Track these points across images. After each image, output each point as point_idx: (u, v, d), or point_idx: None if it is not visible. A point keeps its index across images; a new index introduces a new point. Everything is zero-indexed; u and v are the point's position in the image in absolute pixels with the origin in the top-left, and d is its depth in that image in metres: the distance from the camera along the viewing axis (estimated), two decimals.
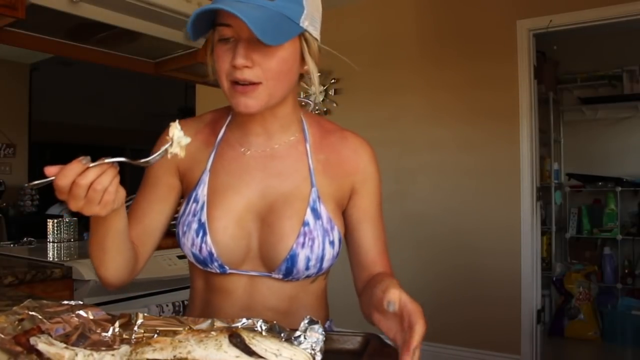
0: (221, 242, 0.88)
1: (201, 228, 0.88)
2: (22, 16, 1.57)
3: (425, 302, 3.12)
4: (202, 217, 0.89)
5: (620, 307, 3.75)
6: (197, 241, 0.88)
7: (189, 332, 0.70)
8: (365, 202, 0.95)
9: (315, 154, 0.92)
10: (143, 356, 0.65)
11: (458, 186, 3.42)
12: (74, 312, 0.75)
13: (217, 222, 0.88)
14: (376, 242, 0.95)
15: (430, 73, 3.53)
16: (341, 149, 0.94)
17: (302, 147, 0.92)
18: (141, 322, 0.74)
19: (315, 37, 0.86)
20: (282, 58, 0.81)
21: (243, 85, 0.81)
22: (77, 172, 0.69)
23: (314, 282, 0.94)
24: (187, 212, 0.91)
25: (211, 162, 0.92)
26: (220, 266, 0.89)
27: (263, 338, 0.66)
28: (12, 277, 1.52)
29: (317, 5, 0.86)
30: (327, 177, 0.92)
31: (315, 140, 0.94)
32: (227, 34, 0.81)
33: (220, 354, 0.64)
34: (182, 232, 0.90)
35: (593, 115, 4.38)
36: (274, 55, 0.80)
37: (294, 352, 0.65)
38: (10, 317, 0.70)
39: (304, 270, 0.88)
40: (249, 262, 0.90)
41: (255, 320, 0.72)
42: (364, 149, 0.96)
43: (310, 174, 0.90)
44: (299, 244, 0.86)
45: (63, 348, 0.65)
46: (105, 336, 0.73)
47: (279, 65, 0.81)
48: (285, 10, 0.79)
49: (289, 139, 0.92)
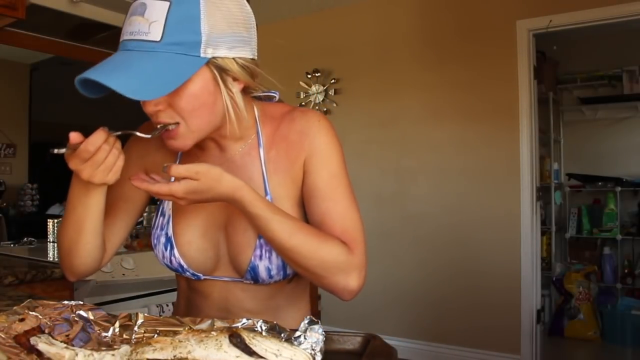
0: (188, 254, 0.90)
1: (168, 242, 0.90)
2: (22, 16, 1.57)
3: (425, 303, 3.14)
4: (169, 232, 0.91)
5: (620, 307, 3.75)
6: (167, 254, 0.90)
7: (189, 332, 0.70)
8: (311, 178, 0.87)
9: (267, 153, 0.89)
10: (143, 356, 0.65)
11: (458, 186, 3.42)
12: (74, 312, 0.75)
13: (182, 238, 0.90)
14: (324, 219, 0.85)
15: (431, 73, 3.53)
16: (288, 133, 0.88)
17: (255, 152, 0.89)
18: (141, 322, 0.74)
19: (235, 57, 0.78)
20: (191, 95, 0.76)
21: (166, 130, 0.79)
22: (103, 138, 0.73)
23: (290, 282, 0.93)
24: (156, 226, 0.93)
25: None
26: (193, 274, 0.91)
27: (263, 338, 0.67)
28: (12, 277, 1.53)
29: (228, 15, 0.76)
30: (279, 174, 0.88)
31: (267, 140, 0.89)
32: None
33: (220, 354, 0.65)
34: (154, 244, 0.93)
35: (593, 115, 4.38)
36: (182, 95, 0.76)
37: (294, 352, 0.65)
38: (10, 317, 0.70)
39: (268, 279, 0.88)
40: (221, 269, 0.91)
41: (255, 320, 0.72)
42: (309, 126, 0.88)
43: (263, 181, 0.87)
44: (256, 256, 0.86)
45: (63, 348, 0.65)
46: (106, 336, 0.73)
47: (189, 102, 0.77)
48: (175, 49, 0.73)
49: (242, 147, 0.89)
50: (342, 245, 0.83)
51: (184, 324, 0.73)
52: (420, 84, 3.56)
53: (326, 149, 0.87)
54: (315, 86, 3.89)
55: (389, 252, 3.59)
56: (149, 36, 0.72)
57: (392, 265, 3.58)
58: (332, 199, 0.86)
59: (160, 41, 0.72)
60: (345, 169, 0.89)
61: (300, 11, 3.87)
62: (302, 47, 3.93)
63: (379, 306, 3.55)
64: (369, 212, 3.50)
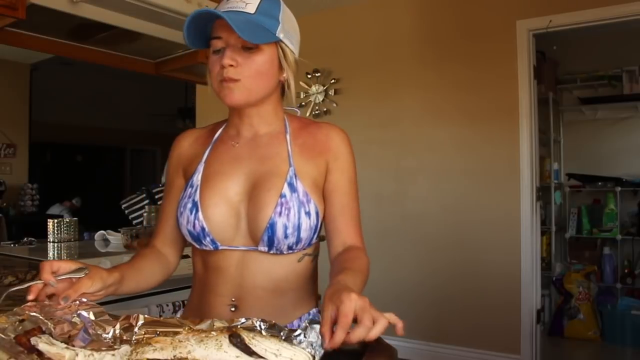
0: (211, 217, 1.00)
1: (194, 206, 1.01)
2: (22, 16, 1.57)
3: (425, 303, 3.14)
4: (196, 197, 1.02)
5: (620, 307, 3.75)
6: (191, 218, 1.00)
7: (189, 332, 0.70)
8: (335, 176, 1.05)
9: (294, 139, 1.06)
10: (143, 356, 0.65)
11: (458, 186, 3.42)
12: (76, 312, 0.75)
13: (209, 200, 1.01)
14: (343, 210, 1.04)
15: (431, 73, 3.53)
16: (316, 134, 1.08)
17: (282, 136, 1.07)
18: (142, 323, 0.74)
19: (292, 50, 1.03)
20: (261, 62, 0.98)
21: (228, 80, 0.97)
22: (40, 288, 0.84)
23: (301, 260, 1.03)
24: (184, 196, 1.05)
25: (206, 155, 1.08)
26: (212, 241, 1.00)
27: (263, 338, 0.67)
28: (12, 277, 1.53)
29: (293, 26, 1.03)
30: (304, 157, 1.04)
31: (294, 130, 1.08)
32: (218, 45, 0.98)
33: (220, 354, 0.65)
34: (179, 213, 1.03)
35: (593, 115, 4.38)
36: (254, 60, 0.98)
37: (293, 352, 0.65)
38: (10, 317, 0.70)
39: (283, 239, 0.97)
40: (238, 238, 1.01)
41: (254, 319, 0.72)
42: (335, 133, 1.08)
43: (288, 156, 1.03)
44: (276, 212, 0.97)
45: (64, 348, 0.65)
46: (106, 337, 0.73)
47: (257, 67, 0.98)
48: (263, 22, 0.96)
49: (271, 131, 1.07)
50: (365, 254, 1.01)
51: (184, 325, 0.73)
52: (421, 84, 3.56)
53: (348, 158, 1.07)
54: (315, 86, 3.88)
55: (389, 252, 3.59)
56: (246, 9, 0.96)
57: (391, 265, 3.58)
58: (350, 199, 1.05)
59: (254, 14, 0.96)
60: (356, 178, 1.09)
61: (300, 11, 3.84)
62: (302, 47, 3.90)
63: (379, 306, 3.53)
64: (369, 212, 3.50)
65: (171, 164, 1.14)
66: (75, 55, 2.04)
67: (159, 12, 1.82)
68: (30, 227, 3.14)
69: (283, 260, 1.01)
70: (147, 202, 2.54)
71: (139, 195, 2.60)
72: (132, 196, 2.62)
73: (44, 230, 2.29)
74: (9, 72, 5.48)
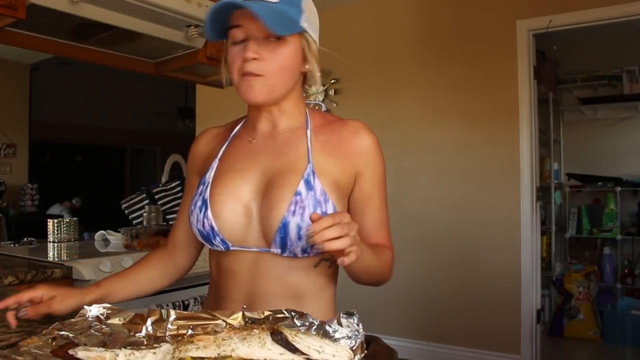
0: (221, 216, 0.94)
1: (204, 204, 0.96)
2: (22, 16, 1.57)
3: (425, 303, 3.13)
4: (206, 195, 0.97)
5: (620, 307, 3.75)
6: (200, 216, 0.96)
7: (230, 330, 0.70)
8: (368, 186, 0.99)
9: (315, 135, 0.99)
10: (187, 354, 0.66)
11: (458, 186, 3.42)
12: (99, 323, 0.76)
13: (217, 197, 0.96)
14: (380, 225, 1.00)
15: (430, 73, 3.53)
16: (342, 131, 1.00)
17: (302, 132, 1.00)
18: (174, 318, 0.74)
19: (315, 40, 0.97)
20: (286, 54, 0.92)
21: (250, 75, 0.91)
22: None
23: (317, 265, 0.96)
24: (195, 194, 1.00)
25: (221, 152, 1.03)
26: (222, 241, 0.95)
27: (305, 335, 0.67)
28: (12, 277, 1.53)
29: (314, 13, 0.99)
30: (326, 155, 0.97)
31: (316, 126, 1.01)
32: (238, 35, 0.92)
33: (264, 352, 0.65)
34: (190, 212, 0.99)
35: (593, 115, 4.38)
36: (279, 51, 0.91)
37: (335, 349, 0.65)
38: (42, 337, 0.72)
39: (296, 240, 0.90)
40: (250, 239, 0.95)
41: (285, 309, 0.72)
42: (364, 131, 1.01)
43: (307, 152, 0.96)
44: (290, 211, 0.90)
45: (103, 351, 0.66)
46: (140, 336, 0.73)
47: (283, 59, 0.92)
48: (287, 11, 0.90)
49: (291, 126, 1.00)
50: (389, 250, 0.99)
51: (216, 317, 0.73)
52: (420, 84, 3.56)
53: (381, 164, 1.02)
54: (315, 86, 3.88)
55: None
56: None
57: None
58: (382, 209, 1.01)
59: (277, 2, 0.89)
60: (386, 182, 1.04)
61: None
62: None
63: (379, 306, 3.55)
64: None
65: (189, 163, 1.12)
66: (75, 55, 2.03)
67: (159, 12, 1.81)
68: (30, 227, 3.14)
69: (297, 265, 0.95)
70: (147, 202, 2.53)
71: (139, 195, 2.59)
72: (132, 196, 2.62)
73: (44, 230, 2.29)
74: (9, 72, 5.48)
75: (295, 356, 0.64)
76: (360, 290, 1.08)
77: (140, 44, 2.03)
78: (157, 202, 2.53)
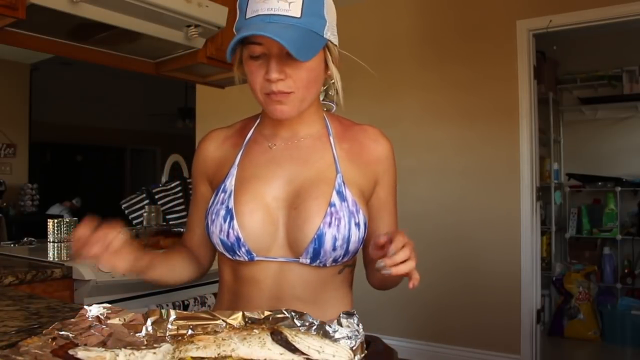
0: (248, 226, 0.91)
1: (228, 214, 0.91)
2: (22, 16, 1.57)
3: (425, 303, 3.12)
4: (230, 204, 0.92)
5: (620, 307, 3.75)
6: (225, 227, 0.91)
7: (230, 330, 0.71)
8: (385, 192, 1.00)
9: (339, 143, 0.98)
10: (187, 354, 0.66)
11: (458, 186, 3.42)
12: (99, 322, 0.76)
13: (244, 207, 0.92)
14: (393, 229, 1.00)
15: (431, 73, 3.53)
16: (363, 139, 1.00)
17: (325, 139, 0.99)
18: (174, 318, 0.74)
19: (335, 44, 0.94)
20: (311, 68, 0.89)
21: (277, 94, 0.88)
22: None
23: (341, 272, 0.96)
24: (215, 202, 0.95)
25: (239, 158, 0.98)
26: (247, 252, 0.91)
27: (305, 335, 0.67)
28: (12, 277, 1.52)
29: (334, 13, 0.94)
30: (351, 164, 0.96)
31: (337, 133, 1.00)
32: (257, 51, 0.87)
33: (264, 352, 0.66)
34: (210, 221, 0.94)
35: (593, 115, 4.38)
36: (303, 67, 0.87)
37: (335, 349, 0.66)
38: (42, 337, 0.72)
39: (330, 252, 0.89)
40: (275, 249, 0.92)
41: (285, 310, 0.72)
42: (383, 138, 1.01)
43: (335, 161, 0.95)
44: (325, 223, 0.88)
45: (103, 351, 0.66)
46: (140, 336, 0.73)
47: (308, 75, 0.89)
48: (312, 26, 0.86)
49: (313, 133, 0.99)
50: None
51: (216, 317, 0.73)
52: (420, 84, 3.56)
53: (394, 171, 1.01)
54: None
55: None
56: (290, 12, 0.84)
57: None
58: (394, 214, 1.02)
59: (300, 17, 0.84)
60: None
61: None
62: None
63: (379, 306, 3.55)
64: None
65: (195, 168, 1.05)
66: (75, 55, 2.03)
67: (159, 12, 1.81)
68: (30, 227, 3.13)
69: (323, 272, 0.93)
70: (147, 202, 2.53)
71: (139, 195, 2.59)
72: (132, 196, 2.62)
73: (44, 230, 2.28)
74: (9, 72, 5.48)
75: (295, 356, 0.65)
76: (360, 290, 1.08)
77: (140, 44, 2.03)
78: (157, 202, 2.53)
